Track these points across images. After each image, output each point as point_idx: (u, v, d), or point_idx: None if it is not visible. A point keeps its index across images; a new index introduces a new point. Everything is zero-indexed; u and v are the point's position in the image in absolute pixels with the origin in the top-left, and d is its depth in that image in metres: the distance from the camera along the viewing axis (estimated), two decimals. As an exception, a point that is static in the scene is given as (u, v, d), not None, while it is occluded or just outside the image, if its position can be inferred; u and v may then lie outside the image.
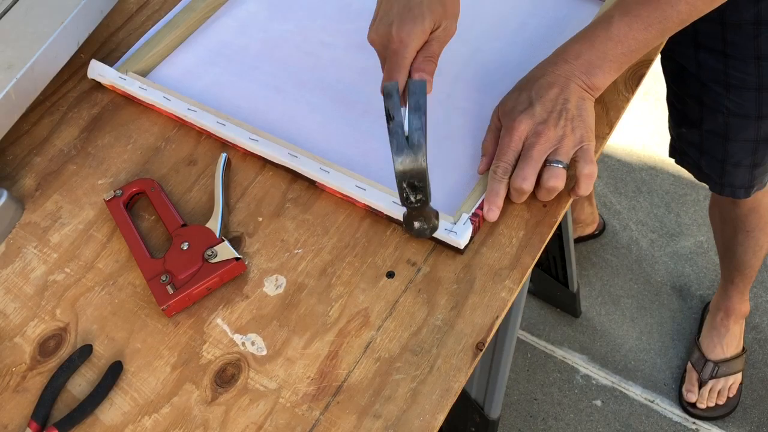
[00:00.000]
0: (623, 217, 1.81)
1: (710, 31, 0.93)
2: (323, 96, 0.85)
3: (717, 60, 0.96)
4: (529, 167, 0.70)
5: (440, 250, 0.71)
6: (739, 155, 1.07)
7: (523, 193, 0.71)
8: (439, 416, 0.62)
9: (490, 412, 1.19)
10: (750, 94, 0.97)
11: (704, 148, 1.10)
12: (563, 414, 1.54)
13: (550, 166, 0.70)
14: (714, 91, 0.99)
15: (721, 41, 0.94)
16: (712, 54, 0.96)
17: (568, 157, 0.70)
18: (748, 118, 1.01)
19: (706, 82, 1.00)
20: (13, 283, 0.75)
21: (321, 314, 0.69)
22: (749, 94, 0.98)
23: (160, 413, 0.65)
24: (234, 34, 0.93)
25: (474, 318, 0.67)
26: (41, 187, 0.82)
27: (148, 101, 0.85)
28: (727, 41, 0.93)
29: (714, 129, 1.05)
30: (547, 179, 0.70)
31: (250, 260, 0.73)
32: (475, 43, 0.87)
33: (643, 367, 1.59)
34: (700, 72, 0.99)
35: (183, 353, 0.68)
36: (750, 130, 1.03)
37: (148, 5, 0.99)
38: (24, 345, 0.70)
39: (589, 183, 0.71)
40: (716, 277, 1.68)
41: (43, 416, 0.65)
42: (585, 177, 0.70)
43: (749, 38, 0.91)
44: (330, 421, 0.63)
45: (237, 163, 0.81)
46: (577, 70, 0.72)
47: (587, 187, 0.71)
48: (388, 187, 0.73)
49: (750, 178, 1.12)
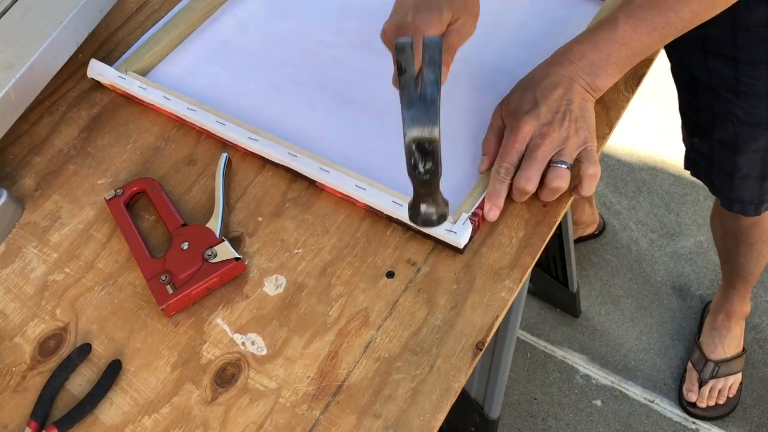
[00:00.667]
0: (623, 217, 1.81)
1: (720, 36, 0.92)
2: (323, 95, 0.85)
3: (727, 66, 0.95)
4: (534, 168, 0.70)
5: (440, 249, 0.71)
6: (749, 166, 1.06)
7: (526, 194, 0.71)
8: (439, 416, 0.62)
9: (490, 412, 1.19)
10: (761, 101, 0.97)
11: (715, 160, 1.09)
12: (563, 414, 1.54)
13: (555, 166, 0.70)
14: (724, 98, 0.99)
15: (731, 46, 0.93)
16: (722, 60, 0.95)
17: (571, 158, 0.70)
18: (758, 126, 1.00)
19: (716, 89, 0.99)
20: (13, 283, 0.75)
21: (321, 314, 0.69)
22: (760, 101, 0.97)
23: (160, 413, 0.65)
24: (234, 34, 0.93)
25: (474, 318, 0.67)
26: (41, 187, 0.82)
27: (148, 101, 0.85)
28: (737, 46, 0.92)
29: (724, 139, 1.04)
30: (552, 180, 0.70)
31: (250, 260, 0.73)
32: (475, 43, 0.87)
33: (643, 367, 1.59)
34: (711, 79, 0.98)
35: (183, 353, 0.68)
36: (759, 141, 1.02)
37: (148, 5, 0.99)
38: (24, 345, 0.70)
39: (593, 183, 0.71)
40: (716, 277, 1.68)
41: (43, 415, 0.65)
42: (589, 177, 0.71)
43: (761, 42, 0.91)
44: (330, 421, 0.63)
45: (237, 162, 0.81)
46: (581, 71, 0.72)
47: (590, 187, 0.71)
48: (388, 186, 0.73)
49: (760, 192, 1.10)
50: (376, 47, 0.89)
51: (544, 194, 0.71)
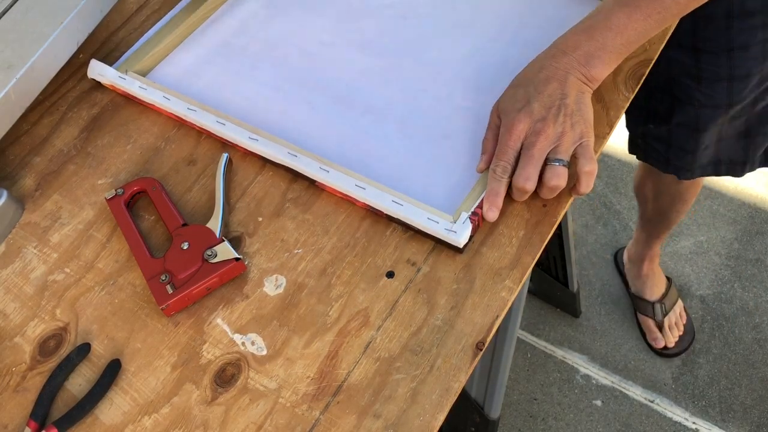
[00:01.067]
0: (623, 217, 1.81)
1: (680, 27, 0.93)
2: (323, 95, 0.85)
3: (688, 55, 0.97)
4: (531, 166, 0.69)
5: (440, 249, 0.71)
6: (710, 139, 1.10)
7: (526, 193, 0.71)
8: (439, 416, 0.62)
9: (490, 412, 1.19)
10: (721, 84, 0.99)
11: (673, 142, 1.12)
12: (563, 414, 1.54)
13: (552, 165, 0.69)
14: (684, 84, 1.01)
15: (692, 36, 0.95)
16: (682, 50, 0.97)
17: (568, 155, 0.70)
18: (718, 107, 1.03)
19: (676, 77, 1.01)
20: (13, 283, 0.75)
21: (321, 314, 0.69)
22: (720, 85, 0.99)
23: (160, 413, 0.65)
24: (234, 34, 0.93)
25: (474, 318, 0.67)
26: (41, 187, 0.82)
27: (148, 101, 0.85)
28: (698, 36, 0.94)
29: (684, 122, 1.07)
30: (550, 179, 0.69)
31: (250, 260, 0.73)
32: (475, 43, 0.87)
33: (643, 367, 1.59)
34: (670, 68, 1.00)
35: (183, 353, 0.68)
36: (720, 118, 1.05)
37: (148, 5, 0.99)
38: (24, 345, 0.70)
39: (590, 180, 0.70)
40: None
41: (42, 415, 0.65)
42: (586, 174, 0.70)
43: (721, 31, 0.92)
44: (330, 421, 0.63)
45: (237, 162, 0.81)
46: (576, 61, 0.72)
47: (588, 184, 0.71)
48: (387, 186, 0.73)
49: (716, 158, 1.16)
50: (376, 48, 0.89)
51: (543, 193, 0.71)
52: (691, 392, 1.55)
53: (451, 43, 0.88)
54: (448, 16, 0.90)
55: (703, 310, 1.65)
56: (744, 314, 1.63)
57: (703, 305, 1.65)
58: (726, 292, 1.67)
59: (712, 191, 1.83)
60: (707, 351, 1.60)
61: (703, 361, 1.59)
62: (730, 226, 1.77)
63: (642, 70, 0.82)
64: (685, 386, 1.56)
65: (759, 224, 1.77)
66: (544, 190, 0.71)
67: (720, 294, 1.67)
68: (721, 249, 1.74)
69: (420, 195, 0.74)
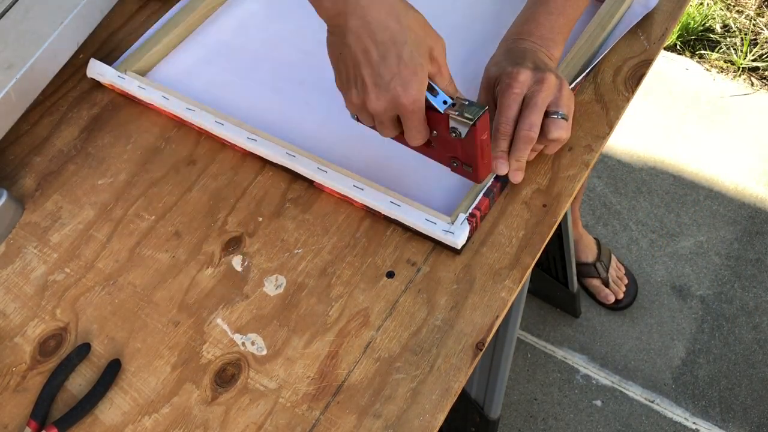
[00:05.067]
0: (623, 217, 1.81)
1: None
2: (322, 96, 0.85)
3: None
4: (535, 114, 0.69)
5: (440, 250, 0.71)
6: None
7: (530, 141, 0.69)
8: (439, 416, 0.62)
9: (490, 412, 1.20)
10: None
11: None
12: (563, 414, 1.54)
13: (552, 118, 0.69)
14: None
15: None
16: None
17: (567, 109, 0.70)
18: None
19: None
20: (13, 283, 0.75)
21: (321, 314, 0.69)
22: None
23: (160, 413, 0.65)
24: (233, 34, 0.93)
25: (474, 318, 0.67)
26: (41, 187, 0.82)
27: (147, 100, 0.85)
28: None
29: None
30: (552, 131, 0.69)
31: (250, 260, 0.73)
32: (474, 43, 0.87)
33: (643, 367, 1.59)
34: None
35: (183, 353, 0.68)
36: None
37: (148, 5, 0.99)
38: (24, 345, 0.70)
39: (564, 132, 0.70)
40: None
41: (42, 415, 0.65)
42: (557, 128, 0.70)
43: None
44: (330, 421, 0.63)
45: (237, 163, 0.81)
46: (536, 45, 0.75)
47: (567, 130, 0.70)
48: (385, 187, 0.73)
49: None
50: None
51: (547, 148, 0.72)
52: (691, 392, 1.55)
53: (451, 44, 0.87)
54: (448, 17, 0.90)
55: (703, 310, 1.65)
56: (744, 314, 1.63)
57: (703, 305, 1.65)
58: (726, 292, 1.67)
59: (712, 191, 1.83)
60: (707, 351, 1.60)
61: (703, 361, 1.58)
62: (730, 226, 1.77)
63: (642, 70, 0.82)
64: (685, 386, 1.56)
65: (759, 224, 1.77)
66: (548, 143, 0.71)
67: (720, 294, 1.67)
68: (721, 249, 1.74)
69: (418, 196, 0.74)
